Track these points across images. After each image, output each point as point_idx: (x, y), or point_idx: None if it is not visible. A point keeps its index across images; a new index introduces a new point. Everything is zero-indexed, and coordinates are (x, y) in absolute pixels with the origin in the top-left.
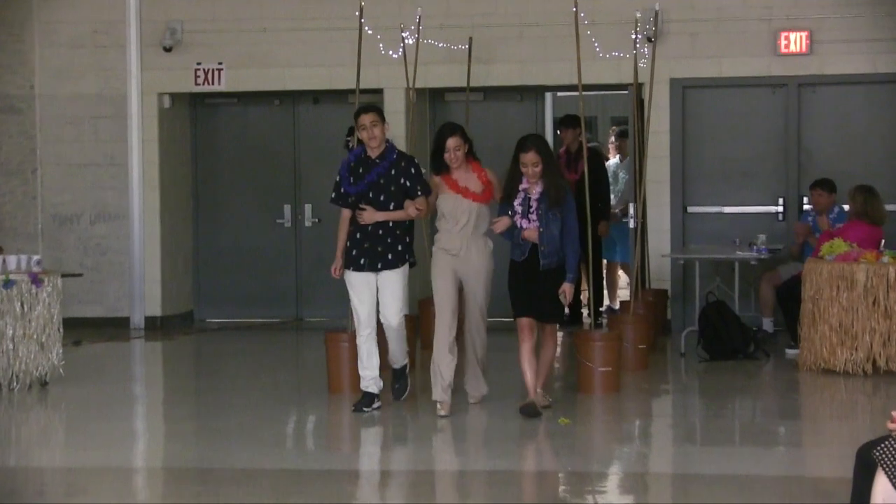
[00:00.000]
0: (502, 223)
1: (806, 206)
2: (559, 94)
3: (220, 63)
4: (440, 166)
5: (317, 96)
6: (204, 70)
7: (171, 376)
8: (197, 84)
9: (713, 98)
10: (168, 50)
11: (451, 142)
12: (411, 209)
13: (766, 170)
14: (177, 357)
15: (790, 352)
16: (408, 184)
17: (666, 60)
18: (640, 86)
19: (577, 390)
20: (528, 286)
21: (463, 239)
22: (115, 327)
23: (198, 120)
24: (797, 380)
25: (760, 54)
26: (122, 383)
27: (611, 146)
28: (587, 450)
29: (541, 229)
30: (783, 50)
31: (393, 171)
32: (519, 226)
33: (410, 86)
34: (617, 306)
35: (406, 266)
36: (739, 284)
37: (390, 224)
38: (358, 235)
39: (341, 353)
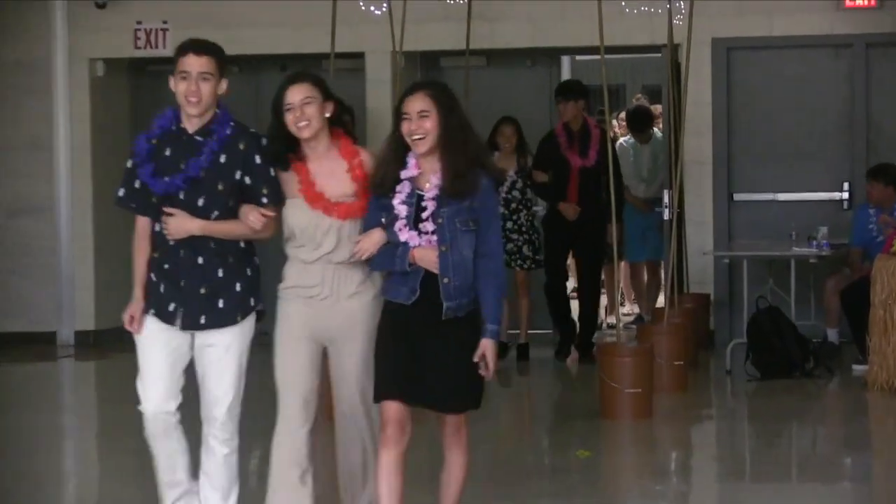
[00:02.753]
0: (369, 241)
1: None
2: (578, 57)
3: (164, 22)
4: (281, 149)
5: (284, 62)
6: (146, 31)
7: (106, 403)
8: (137, 48)
9: (764, 62)
10: (101, 6)
11: (295, 93)
12: (253, 217)
13: (829, 148)
14: (113, 379)
15: (858, 368)
16: (247, 180)
17: (707, 17)
18: (675, 47)
19: (600, 416)
20: (412, 348)
21: (327, 272)
22: (39, 344)
23: (138, 91)
24: (866, 401)
25: (820, 9)
26: (47, 412)
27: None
28: (613, 488)
29: (443, 248)
30: (848, 3)
31: (224, 158)
32: (401, 242)
33: (397, 49)
34: (648, 315)
35: (250, 319)
36: (796, 287)
37: (212, 245)
38: (166, 266)
39: None
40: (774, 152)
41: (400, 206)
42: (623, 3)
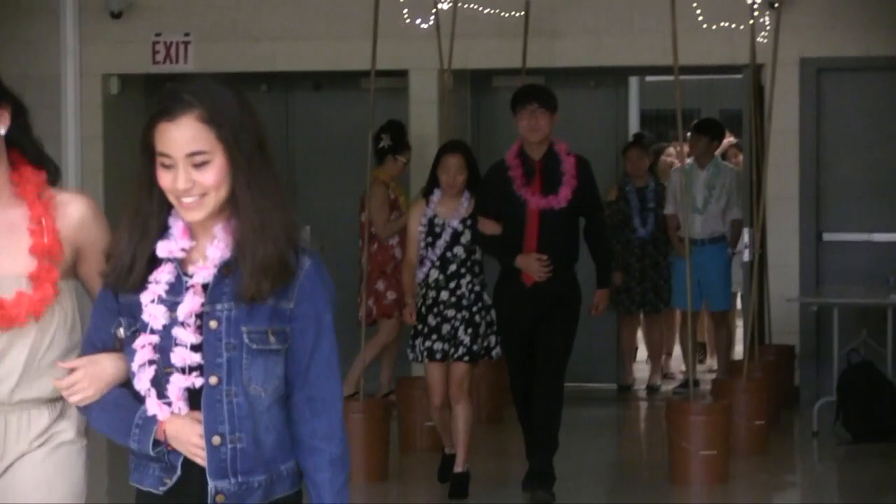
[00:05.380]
0: (92, 376)
1: None
2: (648, 78)
3: (186, 34)
4: None
5: (319, 80)
6: (165, 44)
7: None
8: (156, 62)
9: (859, 85)
10: (117, 16)
11: None
12: None
13: None
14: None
15: None
16: None
17: (795, 34)
18: (759, 68)
19: (669, 480)
20: None
21: None
22: None
23: None
24: None
25: None
26: None
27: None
28: None
29: (212, 379)
30: None
31: None
32: (138, 386)
33: (445, 66)
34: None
35: None
36: (894, 339)
37: None
38: None
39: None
40: (869, 187)
41: (153, 309)
42: (700, 18)
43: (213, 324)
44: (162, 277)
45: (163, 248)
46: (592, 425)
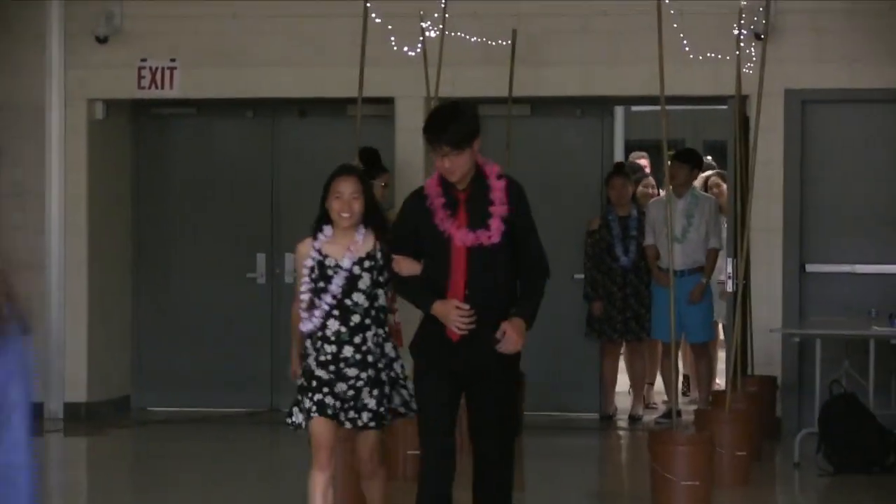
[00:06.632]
0: None
1: None
2: (633, 108)
3: (172, 60)
4: None
5: (304, 107)
6: (151, 69)
7: (98, 486)
8: (141, 88)
9: (843, 117)
10: (102, 41)
11: None
12: None
13: None
14: (107, 459)
15: None
16: None
17: (780, 66)
18: (744, 99)
19: None
20: None
21: None
22: None
23: (142, 137)
24: None
25: None
26: None
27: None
28: None
29: None
30: None
31: None
32: None
33: (432, 94)
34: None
35: None
36: (875, 371)
37: None
38: None
39: None
40: (853, 219)
41: None
42: (686, 49)
43: None
44: None
45: None
46: (574, 455)
